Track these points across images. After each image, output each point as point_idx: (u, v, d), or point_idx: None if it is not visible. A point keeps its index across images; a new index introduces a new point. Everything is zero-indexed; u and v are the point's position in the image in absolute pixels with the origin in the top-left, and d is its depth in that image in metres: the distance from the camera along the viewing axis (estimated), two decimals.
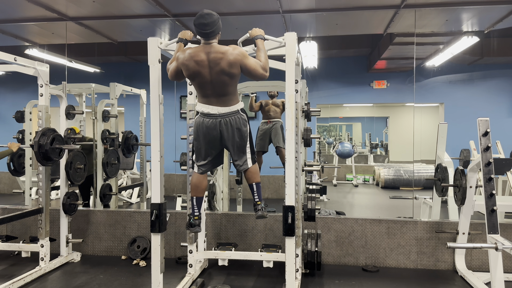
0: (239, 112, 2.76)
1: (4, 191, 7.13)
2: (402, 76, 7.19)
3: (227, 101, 2.72)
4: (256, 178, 2.90)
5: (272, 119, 5.11)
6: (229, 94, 2.72)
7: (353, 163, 9.04)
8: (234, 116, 2.74)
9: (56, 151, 3.59)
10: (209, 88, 2.69)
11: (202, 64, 2.61)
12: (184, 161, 4.36)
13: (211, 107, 2.71)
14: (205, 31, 2.58)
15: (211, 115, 2.72)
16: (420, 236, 3.75)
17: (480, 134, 2.87)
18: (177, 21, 4.72)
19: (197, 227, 2.88)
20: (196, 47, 2.67)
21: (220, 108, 2.71)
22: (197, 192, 2.91)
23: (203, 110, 2.74)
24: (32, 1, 4.05)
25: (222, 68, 2.60)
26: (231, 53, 2.59)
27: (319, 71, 6.92)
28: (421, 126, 6.08)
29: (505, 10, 4.32)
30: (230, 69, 2.60)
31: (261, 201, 2.89)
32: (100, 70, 6.59)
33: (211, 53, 2.60)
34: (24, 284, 3.32)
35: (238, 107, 2.76)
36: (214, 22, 2.58)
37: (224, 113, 2.71)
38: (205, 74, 2.63)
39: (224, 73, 2.61)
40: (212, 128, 2.73)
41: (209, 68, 2.62)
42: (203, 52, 2.61)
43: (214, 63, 2.60)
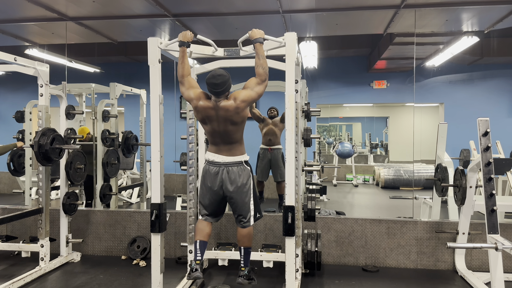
0: (242, 164, 2.84)
1: (4, 191, 7.13)
2: (402, 76, 7.19)
3: (232, 150, 2.81)
4: (248, 242, 2.89)
5: (272, 146, 5.12)
6: (236, 143, 2.82)
7: (353, 163, 9.04)
8: (238, 166, 2.81)
9: (56, 151, 3.59)
10: (217, 136, 2.81)
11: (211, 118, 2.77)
12: (184, 161, 4.36)
13: (216, 156, 2.82)
14: (215, 91, 2.69)
15: (216, 163, 2.81)
16: (420, 236, 3.75)
17: (480, 134, 2.87)
18: (177, 21, 4.71)
19: (198, 272, 2.68)
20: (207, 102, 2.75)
21: (225, 157, 2.80)
22: (201, 236, 2.87)
23: (209, 157, 2.85)
24: (32, 1, 4.05)
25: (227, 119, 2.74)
26: (231, 105, 2.70)
27: (319, 71, 6.92)
28: (421, 126, 6.08)
29: (505, 10, 4.32)
30: (233, 118, 2.73)
31: (246, 267, 2.87)
32: (100, 70, 6.59)
33: (219, 110, 2.73)
34: (24, 284, 3.33)
35: (242, 158, 2.84)
36: (224, 83, 2.68)
37: (227, 162, 2.80)
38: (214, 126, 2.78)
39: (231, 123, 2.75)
40: (215, 176, 2.81)
41: (217, 122, 2.76)
42: (213, 109, 2.74)
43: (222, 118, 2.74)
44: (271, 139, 5.15)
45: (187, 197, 3.40)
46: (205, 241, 2.87)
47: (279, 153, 5.16)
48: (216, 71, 2.73)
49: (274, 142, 5.15)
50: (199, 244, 2.82)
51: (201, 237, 2.86)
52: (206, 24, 4.99)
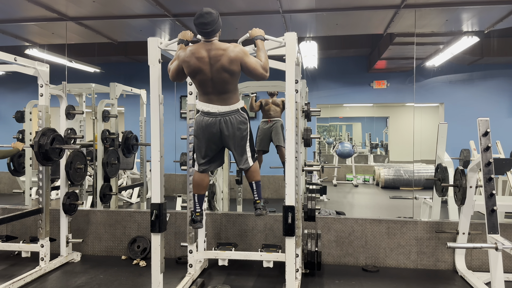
0: (239, 111, 2.77)
1: (4, 191, 7.13)
2: (402, 76, 7.19)
3: (227, 100, 2.73)
4: (256, 176, 2.91)
5: (272, 118, 5.12)
6: (230, 92, 2.73)
7: (353, 163, 9.04)
8: (234, 115, 2.75)
9: (56, 151, 3.59)
10: (209, 86, 2.69)
11: (203, 60, 2.62)
12: (184, 161, 4.37)
13: (211, 106, 2.72)
14: (205, 30, 2.59)
15: (211, 114, 2.73)
16: (420, 236, 3.75)
17: (480, 134, 2.87)
18: (177, 21, 4.72)
19: (199, 223, 2.92)
20: (197, 44, 2.69)
21: (220, 107, 2.72)
22: (199, 189, 2.94)
23: (203, 108, 2.75)
24: (32, 1, 4.05)
25: (223, 64, 2.61)
26: (232, 50, 2.60)
27: (319, 71, 6.92)
28: (421, 126, 6.08)
29: (505, 10, 4.32)
30: (231, 66, 2.61)
31: (260, 199, 2.92)
32: (100, 70, 6.59)
33: (212, 50, 2.62)
34: (24, 284, 3.32)
35: (238, 105, 2.77)
36: (214, 21, 2.59)
37: (224, 112, 2.72)
38: (206, 71, 2.64)
39: (225, 70, 2.62)
40: (212, 127, 2.74)
41: (209, 65, 2.62)
42: (204, 49, 2.63)
43: (215, 60, 2.61)
44: (271, 113, 5.14)
45: (187, 197, 3.40)
46: (203, 194, 2.96)
47: (278, 122, 5.14)
48: (203, 9, 2.59)
49: (274, 116, 5.15)
50: (198, 198, 2.92)
51: (199, 191, 2.93)
52: None
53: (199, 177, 2.94)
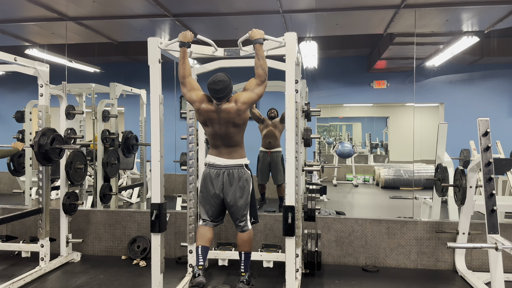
0: (243, 167, 2.86)
1: (4, 191, 7.13)
2: (402, 76, 7.19)
3: (233, 154, 2.85)
4: (248, 247, 2.90)
5: (272, 149, 5.11)
6: (236, 146, 2.86)
7: (353, 163, 9.04)
8: (238, 170, 2.84)
9: (56, 151, 3.59)
10: (219, 139, 2.85)
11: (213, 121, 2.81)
12: (184, 161, 4.37)
13: (217, 158, 2.86)
14: (217, 96, 2.73)
15: (216, 166, 2.85)
16: (420, 236, 3.75)
17: (480, 134, 2.87)
18: (177, 21, 4.71)
19: (201, 278, 2.67)
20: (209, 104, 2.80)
21: (226, 160, 2.82)
22: (203, 241, 2.89)
23: (210, 161, 2.88)
24: (32, 1, 4.05)
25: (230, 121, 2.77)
26: (232, 107, 2.74)
27: (319, 71, 6.92)
28: (421, 126, 6.08)
29: (505, 10, 4.31)
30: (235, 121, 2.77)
31: (246, 272, 2.88)
32: (100, 70, 6.59)
33: (221, 112, 2.77)
34: (24, 284, 3.32)
35: (243, 162, 2.87)
36: (225, 88, 2.71)
37: (228, 165, 2.83)
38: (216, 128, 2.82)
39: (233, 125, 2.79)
40: (215, 178, 2.84)
41: (219, 124, 2.80)
42: (215, 112, 2.79)
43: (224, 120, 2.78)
44: (270, 141, 5.14)
45: (187, 197, 3.40)
46: (207, 247, 2.89)
47: (278, 156, 5.16)
48: (217, 76, 2.74)
49: (274, 145, 5.15)
50: (201, 250, 2.83)
51: (202, 243, 2.87)
52: (206, 24, 4.99)
53: (203, 230, 2.94)
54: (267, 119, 5.23)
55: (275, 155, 5.15)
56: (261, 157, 5.23)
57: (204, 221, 2.96)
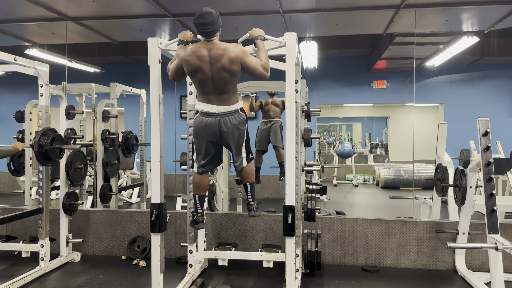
0: (238, 112, 2.78)
1: (4, 191, 7.13)
2: (402, 76, 7.19)
3: (227, 100, 2.73)
4: (250, 178, 2.92)
5: (272, 118, 5.11)
6: (229, 92, 2.73)
7: (353, 163, 9.04)
8: (234, 115, 2.76)
9: (56, 151, 3.59)
10: (209, 85, 2.70)
11: (203, 59, 2.63)
12: (184, 161, 4.36)
13: (210, 106, 2.73)
14: (206, 30, 2.60)
15: (211, 114, 2.73)
16: (420, 236, 3.75)
17: (480, 134, 2.87)
18: (177, 21, 4.72)
19: (201, 224, 2.93)
20: (197, 43, 2.69)
21: (219, 107, 2.72)
22: (199, 190, 2.95)
23: (202, 109, 2.75)
24: (32, 1, 4.05)
25: (223, 64, 2.61)
26: (232, 50, 2.61)
27: (319, 71, 6.92)
28: (421, 126, 6.08)
29: (505, 10, 4.32)
30: (231, 66, 2.62)
31: (254, 201, 2.97)
32: (100, 70, 6.59)
33: (212, 49, 2.63)
34: (24, 284, 3.32)
35: (237, 106, 2.77)
36: (214, 21, 2.59)
37: (223, 112, 2.73)
38: (206, 70, 2.64)
39: (225, 69, 2.63)
40: (212, 127, 2.75)
41: (210, 64, 2.63)
42: (205, 48, 2.64)
43: (215, 59, 2.62)
44: (270, 114, 5.12)
45: (187, 197, 3.40)
46: (204, 195, 2.98)
47: (277, 123, 5.13)
48: (203, 9, 2.60)
49: (274, 116, 5.13)
50: (199, 199, 2.94)
51: (199, 192, 2.95)
52: None
53: (199, 178, 2.95)
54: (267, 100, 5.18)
55: (275, 123, 5.13)
56: (260, 126, 5.20)
57: (200, 167, 2.91)
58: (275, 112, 5.11)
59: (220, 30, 2.70)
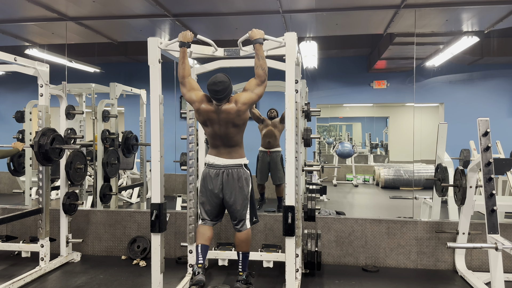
0: (242, 167, 2.86)
1: (4, 191, 7.13)
2: (402, 76, 7.19)
3: (233, 153, 2.85)
4: (246, 247, 2.90)
5: (272, 149, 5.11)
6: (236, 146, 2.86)
7: (353, 163, 9.04)
8: (237, 169, 2.84)
9: (56, 151, 3.59)
10: (218, 139, 2.85)
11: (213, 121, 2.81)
12: (184, 161, 4.37)
13: (217, 158, 2.86)
14: (217, 97, 2.74)
15: (216, 166, 2.86)
16: (420, 236, 3.75)
17: (480, 134, 2.87)
18: (177, 21, 4.71)
19: (201, 276, 2.68)
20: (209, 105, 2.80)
21: (225, 160, 2.83)
22: (202, 240, 2.90)
23: (209, 161, 2.89)
24: (32, 1, 4.05)
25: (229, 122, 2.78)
26: (232, 108, 2.75)
27: (319, 71, 6.92)
28: (421, 126, 6.08)
29: (505, 10, 4.31)
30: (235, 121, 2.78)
31: (244, 272, 2.90)
32: (100, 70, 6.59)
33: (221, 113, 2.78)
34: (24, 284, 3.32)
35: (242, 161, 2.87)
36: (225, 89, 2.72)
37: (227, 165, 2.83)
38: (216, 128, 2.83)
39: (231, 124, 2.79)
40: (215, 178, 2.84)
41: (219, 125, 2.81)
42: (215, 112, 2.79)
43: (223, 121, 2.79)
44: (270, 141, 5.14)
45: (187, 197, 3.40)
46: (207, 245, 2.89)
47: (278, 156, 5.15)
48: (217, 77, 2.74)
49: (273, 145, 5.15)
50: (201, 248, 2.84)
51: (202, 241, 2.88)
52: (206, 24, 4.99)
53: (202, 228, 2.95)
54: (267, 119, 5.23)
55: (275, 154, 5.15)
56: (261, 157, 5.23)
57: (203, 220, 2.97)
58: (275, 139, 5.12)
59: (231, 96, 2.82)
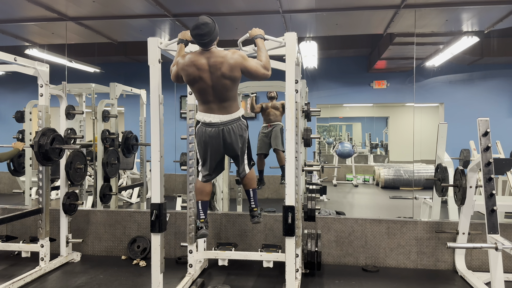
0: (240, 119, 2.80)
1: (4, 191, 7.13)
2: (402, 76, 7.19)
3: (228, 108, 2.73)
4: (253, 184, 2.95)
5: (272, 122, 5.11)
6: (230, 100, 2.73)
7: (353, 163, 9.04)
8: (236, 123, 2.78)
9: (56, 151, 3.59)
10: (210, 94, 2.70)
11: (202, 68, 2.63)
12: (184, 161, 4.36)
13: (212, 116, 2.73)
14: (202, 41, 2.60)
15: (213, 124, 2.74)
16: (420, 236, 3.75)
17: (480, 134, 2.87)
18: (177, 21, 4.72)
19: (204, 230, 2.86)
20: (195, 52, 2.70)
21: (221, 116, 2.73)
22: (202, 196, 2.95)
23: (204, 119, 2.75)
24: (32, 1, 4.05)
25: (223, 72, 2.61)
26: (231, 57, 2.61)
27: (319, 71, 6.92)
28: (421, 126, 6.08)
29: (505, 10, 4.32)
30: (231, 73, 2.62)
31: (257, 207, 2.99)
32: (100, 70, 6.59)
33: (211, 57, 2.63)
34: (24, 284, 3.32)
35: (239, 114, 2.79)
36: (211, 31, 2.57)
37: (226, 121, 2.74)
38: (206, 78, 2.64)
39: (225, 77, 2.63)
40: (215, 137, 2.77)
41: (209, 72, 2.64)
42: (203, 57, 2.64)
43: (214, 68, 2.62)
44: (271, 118, 5.14)
45: (187, 197, 3.40)
46: (207, 201, 2.97)
47: (278, 126, 5.13)
48: (200, 19, 2.58)
49: (275, 120, 5.14)
50: (201, 204, 2.92)
51: (202, 197, 2.94)
52: None
53: (201, 185, 2.96)
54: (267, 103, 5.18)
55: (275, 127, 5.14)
56: (261, 130, 5.21)
57: (204, 176, 2.95)
58: (276, 116, 5.12)
59: (218, 38, 2.68)
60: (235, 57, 2.61)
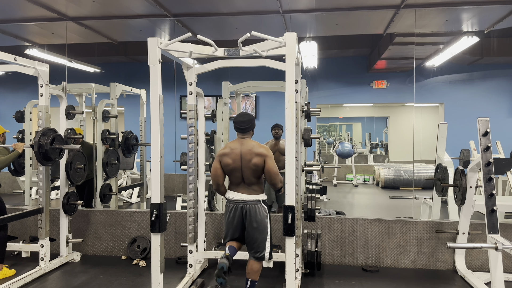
0: (260, 202, 2.92)
1: (4, 191, 7.11)
2: (402, 76, 7.20)
3: (251, 189, 2.93)
4: (257, 276, 2.93)
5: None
6: (255, 184, 2.93)
7: (353, 163, 9.04)
8: (255, 205, 2.90)
9: (56, 151, 3.59)
10: (238, 175, 2.93)
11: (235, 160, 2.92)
12: (184, 161, 4.37)
13: (235, 194, 2.95)
14: (242, 127, 2.96)
15: (234, 201, 2.95)
16: (420, 236, 3.75)
17: (480, 134, 2.87)
18: (177, 21, 4.72)
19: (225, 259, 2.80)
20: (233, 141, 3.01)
21: (243, 195, 2.93)
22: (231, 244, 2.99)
23: (228, 196, 3.00)
24: (32, 1, 4.05)
25: (251, 158, 2.88)
26: (258, 147, 2.91)
27: (319, 71, 6.93)
28: (421, 126, 6.08)
29: (505, 10, 4.32)
30: (257, 161, 2.88)
31: None
32: (100, 70, 6.59)
33: (243, 145, 2.94)
34: (24, 284, 3.33)
35: (260, 197, 2.93)
36: (250, 121, 2.99)
37: (245, 200, 2.91)
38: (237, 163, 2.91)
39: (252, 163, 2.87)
40: (234, 213, 2.94)
41: (240, 160, 2.91)
42: (239, 142, 2.97)
43: (245, 154, 2.91)
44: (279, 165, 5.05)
45: (187, 197, 3.40)
46: (235, 248, 2.97)
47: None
48: (242, 113, 3.08)
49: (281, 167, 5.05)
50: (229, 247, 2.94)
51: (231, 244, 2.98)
52: (206, 24, 4.99)
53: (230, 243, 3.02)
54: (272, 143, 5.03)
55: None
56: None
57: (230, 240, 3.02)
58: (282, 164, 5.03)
59: (253, 131, 3.03)
60: (261, 149, 2.91)
